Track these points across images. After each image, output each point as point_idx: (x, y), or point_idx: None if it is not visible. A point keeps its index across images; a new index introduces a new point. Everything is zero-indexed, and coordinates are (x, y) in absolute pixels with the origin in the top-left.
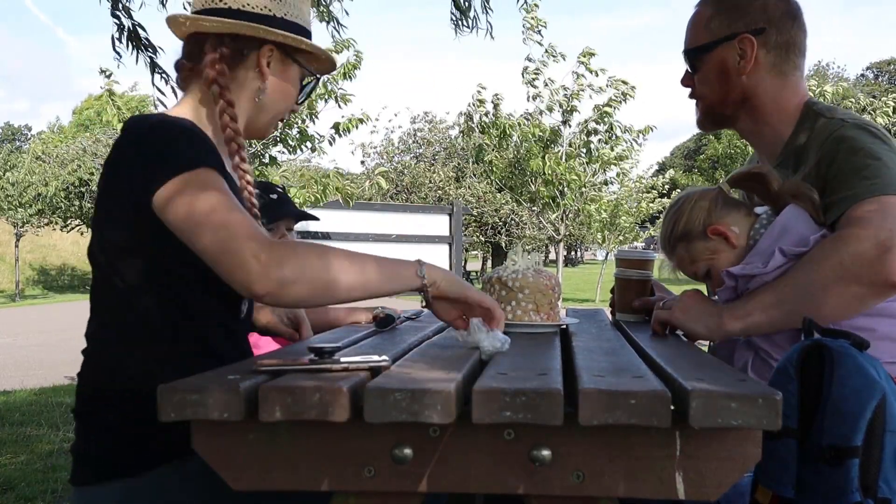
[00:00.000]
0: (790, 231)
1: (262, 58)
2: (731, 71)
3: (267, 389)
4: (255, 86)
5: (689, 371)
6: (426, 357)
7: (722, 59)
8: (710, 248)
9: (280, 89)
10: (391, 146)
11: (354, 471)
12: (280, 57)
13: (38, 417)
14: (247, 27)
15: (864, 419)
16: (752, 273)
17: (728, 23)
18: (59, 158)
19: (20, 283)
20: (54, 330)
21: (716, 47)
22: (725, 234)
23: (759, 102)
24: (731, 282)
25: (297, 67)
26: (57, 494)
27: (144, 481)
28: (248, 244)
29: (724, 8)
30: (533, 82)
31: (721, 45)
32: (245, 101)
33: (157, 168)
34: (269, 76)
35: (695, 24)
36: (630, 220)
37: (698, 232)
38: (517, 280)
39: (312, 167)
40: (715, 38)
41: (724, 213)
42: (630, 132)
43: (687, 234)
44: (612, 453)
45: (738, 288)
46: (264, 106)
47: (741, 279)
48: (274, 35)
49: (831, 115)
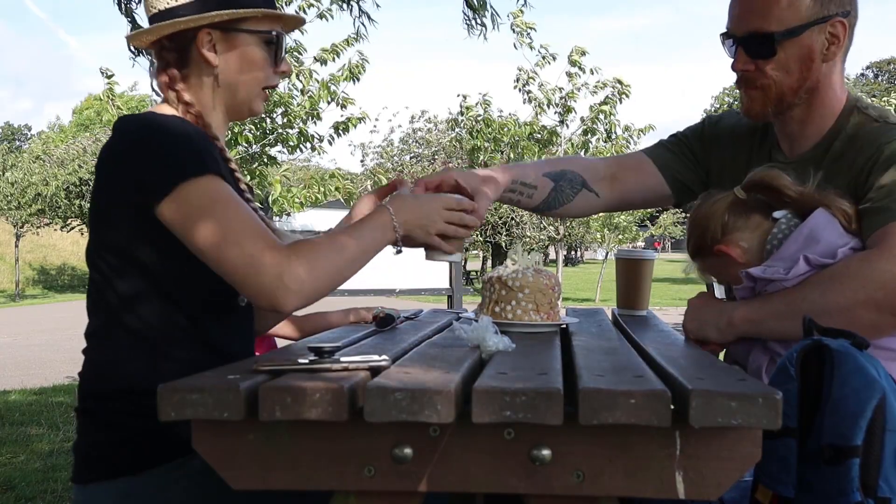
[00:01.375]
0: (817, 239)
1: (200, 47)
2: (816, 56)
3: (267, 389)
4: (209, 73)
5: (689, 370)
6: (426, 357)
7: (810, 43)
8: (720, 263)
9: (237, 65)
10: (391, 146)
11: (354, 470)
12: (222, 36)
13: (38, 417)
14: (167, 26)
15: (865, 419)
16: (773, 278)
17: (821, 4)
18: (58, 158)
19: (20, 282)
20: (54, 330)
21: (805, 31)
22: (729, 254)
23: (823, 91)
24: (750, 283)
25: (247, 36)
26: (57, 494)
27: (146, 479)
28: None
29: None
30: (525, 87)
31: (811, 27)
32: (209, 90)
33: (160, 175)
34: (218, 58)
35: (771, 4)
36: (629, 218)
37: (708, 248)
38: (517, 280)
39: (313, 167)
40: (805, 20)
41: (733, 227)
42: (629, 131)
43: (700, 249)
44: (612, 453)
45: (756, 288)
46: (230, 86)
47: (760, 281)
48: (196, 21)
49: (883, 120)
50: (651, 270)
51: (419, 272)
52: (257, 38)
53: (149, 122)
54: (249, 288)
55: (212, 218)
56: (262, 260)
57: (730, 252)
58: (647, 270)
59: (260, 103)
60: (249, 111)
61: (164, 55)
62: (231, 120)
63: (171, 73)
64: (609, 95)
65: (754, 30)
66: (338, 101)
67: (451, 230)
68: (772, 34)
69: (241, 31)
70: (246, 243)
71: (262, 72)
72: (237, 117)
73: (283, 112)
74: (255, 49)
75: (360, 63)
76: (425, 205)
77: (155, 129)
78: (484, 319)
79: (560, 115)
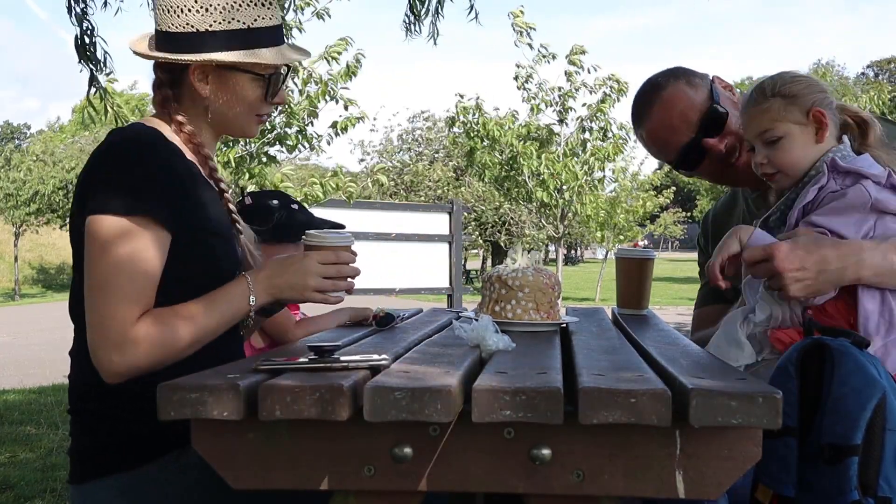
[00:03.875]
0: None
1: (193, 79)
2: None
3: (267, 388)
4: (201, 102)
5: (689, 370)
6: (426, 356)
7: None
8: (800, 122)
9: (228, 99)
10: (390, 145)
11: (354, 470)
12: (215, 70)
13: (37, 416)
14: (162, 59)
15: (864, 418)
16: (862, 172)
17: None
18: (54, 157)
19: (19, 281)
20: (53, 329)
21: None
22: (824, 123)
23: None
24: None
25: (242, 74)
26: (56, 493)
27: (142, 475)
28: (111, 337)
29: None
30: (525, 86)
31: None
32: (200, 114)
33: (101, 194)
34: (210, 90)
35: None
36: (628, 217)
37: (805, 102)
38: (517, 279)
39: (312, 166)
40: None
41: (832, 113)
42: (626, 129)
43: (795, 96)
44: (612, 452)
45: (827, 187)
46: (222, 116)
47: (839, 177)
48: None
49: None
50: (651, 270)
51: (419, 271)
52: (252, 76)
53: (121, 142)
54: (90, 341)
55: (99, 259)
56: (112, 319)
57: (826, 122)
58: (648, 270)
59: (253, 127)
60: (242, 133)
61: (160, 75)
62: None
63: (164, 93)
64: (607, 93)
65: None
66: (336, 98)
67: (329, 285)
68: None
69: (236, 69)
70: (108, 298)
71: (250, 105)
72: (230, 135)
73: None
74: (248, 85)
75: (356, 60)
76: (295, 264)
77: (118, 153)
78: (484, 318)
79: (559, 113)
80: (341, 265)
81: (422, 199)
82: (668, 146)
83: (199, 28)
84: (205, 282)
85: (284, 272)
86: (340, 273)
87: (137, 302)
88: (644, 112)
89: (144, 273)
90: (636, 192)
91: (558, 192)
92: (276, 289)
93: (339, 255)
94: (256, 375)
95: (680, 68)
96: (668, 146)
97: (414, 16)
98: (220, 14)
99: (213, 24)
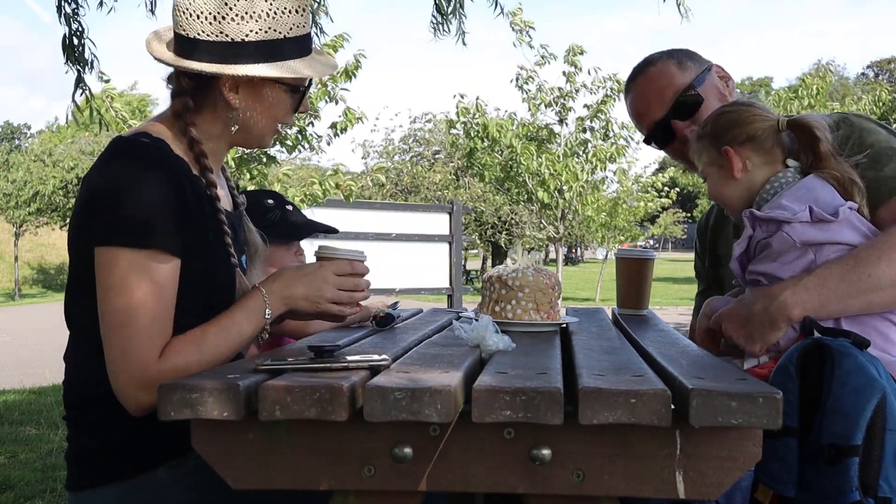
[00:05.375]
0: (815, 197)
1: (223, 89)
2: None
3: (267, 389)
4: (225, 114)
5: (689, 370)
6: (426, 356)
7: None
8: (715, 161)
9: (256, 111)
10: (391, 145)
11: (354, 470)
12: (249, 80)
13: (37, 416)
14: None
15: (864, 418)
16: (778, 218)
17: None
18: (53, 157)
19: (19, 281)
20: (53, 329)
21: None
22: (730, 162)
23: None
24: (751, 225)
25: (275, 84)
26: (56, 494)
27: (141, 483)
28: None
29: None
30: (524, 86)
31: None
32: (221, 127)
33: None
34: (239, 102)
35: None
36: (629, 218)
37: (720, 141)
38: (517, 279)
39: (312, 166)
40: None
41: (755, 144)
42: (627, 129)
43: (712, 136)
44: (612, 452)
45: (755, 237)
46: (245, 128)
47: (761, 226)
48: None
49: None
50: (651, 270)
51: (419, 271)
52: (287, 88)
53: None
54: (114, 379)
55: (117, 296)
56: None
57: (732, 160)
58: (648, 270)
59: (270, 139)
60: (260, 144)
61: (183, 83)
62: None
63: (184, 102)
64: (607, 94)
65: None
66: (336, 99)
67: (346, 297)
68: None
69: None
70: (130, 336)
71: (274, 118)
72: (247, 147)
73: None
74: (282, 97)
75: (356, 60)
76: (310, 274)
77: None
78: (484, 319)
79: (559, 113)
80: (357, 278)
81: (421, 202)
82: (643, 119)
83: (234, 37)
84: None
85: (299, 282)
86: (357, 286)
87: (160, 337)
88: (630, 83)
89: (164, 308)
90: (638, 192)
91: (559, 193)
92: (290, 299)
93: (355, 267)
94: (256, 375)
95: (681, 50)
96: (643, 119)
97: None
98: (258, 23)
99: (249, 33)
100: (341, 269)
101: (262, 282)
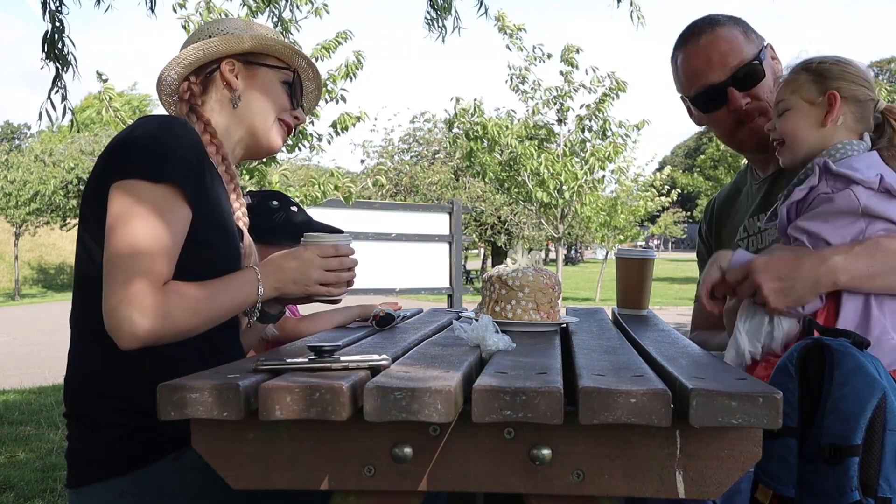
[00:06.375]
0: (885, 170)
1: (225, 72)
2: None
3: (267, 388)
4: (228, 96)
5: (689, 370)
6: (426, 356)
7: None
8: (812, 100)
9: (254, 93)
10: (391, 145)
11: (354, 470)
12: (244, 66)
13: (37, 416)
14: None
15: (864, 418)
16: (852, 176)
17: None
18: (53, 157)
19: (19, 281)
20: (53, 329)
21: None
22: (834, 108)
23: None
24: (819, 174)
25: (266, 70)
26: (56, 493)
27: (140, 478)
28: (138, 297)
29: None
30: (520, 86)
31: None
32: (226, 113)
33: (132, 161)
34: (239, 84)
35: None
36: (629, 218)
37: (828, 84)
38: (517, 279)
39: (312, 166)
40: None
41: (856, 107)
42: (625, 127)
43: (822, 75)
44: (612, 452)
45: (818, 188)
46: (248, 111)
47: (827, 179)
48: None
49: None
50: (651, 270)
51: (419, 271)
52: (276, 74)
53: (152, 119)
54: (111, 302)
55: (128, 221)
56: (141, 280)
57: (834, 106)
58: (648, 270)
59: (276, 136)
60: (267, 140)
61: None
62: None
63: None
64: (605, 92)
65: (739, 64)
66: (336, 98)
67: (332, 277)
68: (755, 63)
69: (261, 65)
70: (138, 258)
71: (272, 104)
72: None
73: None
74: (272, 83)
75: (356, 60)
76: (297, 258)
77: (149, 125)
78: (484, 318)
79: (558, 113)
80: (342, 258)
81: (421, 202)
82: (697, 78)
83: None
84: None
85: (287, 266)
86: (342, 265)
87: (163, 269)
88: (690, 38)
89: (172, 242)
90: (637, 192)
91: (558, 193)
92: (280, 283)
93: (339, 249)
94: (256, 375)
95: (743, 20)
96: (697, 78)
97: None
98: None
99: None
100: (325, 252)
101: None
